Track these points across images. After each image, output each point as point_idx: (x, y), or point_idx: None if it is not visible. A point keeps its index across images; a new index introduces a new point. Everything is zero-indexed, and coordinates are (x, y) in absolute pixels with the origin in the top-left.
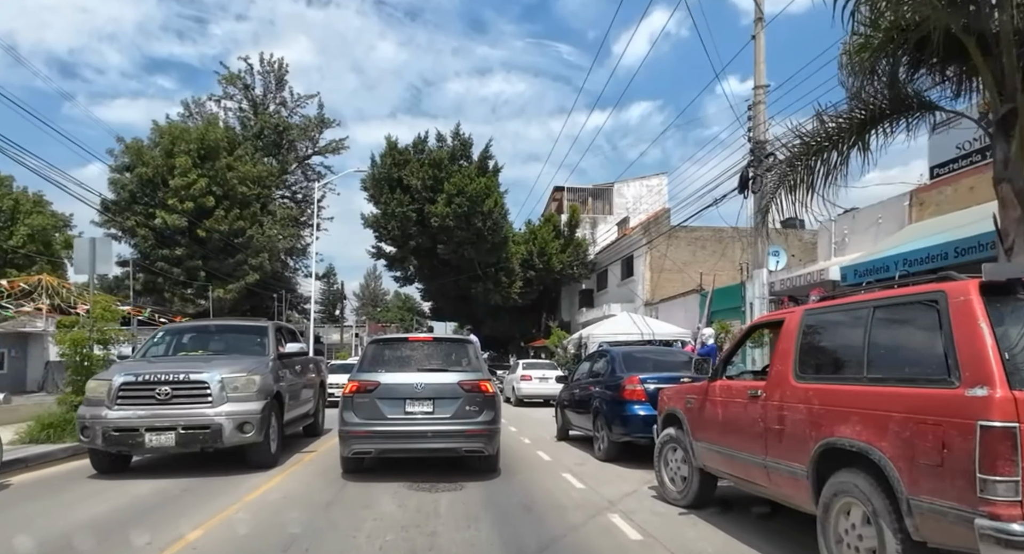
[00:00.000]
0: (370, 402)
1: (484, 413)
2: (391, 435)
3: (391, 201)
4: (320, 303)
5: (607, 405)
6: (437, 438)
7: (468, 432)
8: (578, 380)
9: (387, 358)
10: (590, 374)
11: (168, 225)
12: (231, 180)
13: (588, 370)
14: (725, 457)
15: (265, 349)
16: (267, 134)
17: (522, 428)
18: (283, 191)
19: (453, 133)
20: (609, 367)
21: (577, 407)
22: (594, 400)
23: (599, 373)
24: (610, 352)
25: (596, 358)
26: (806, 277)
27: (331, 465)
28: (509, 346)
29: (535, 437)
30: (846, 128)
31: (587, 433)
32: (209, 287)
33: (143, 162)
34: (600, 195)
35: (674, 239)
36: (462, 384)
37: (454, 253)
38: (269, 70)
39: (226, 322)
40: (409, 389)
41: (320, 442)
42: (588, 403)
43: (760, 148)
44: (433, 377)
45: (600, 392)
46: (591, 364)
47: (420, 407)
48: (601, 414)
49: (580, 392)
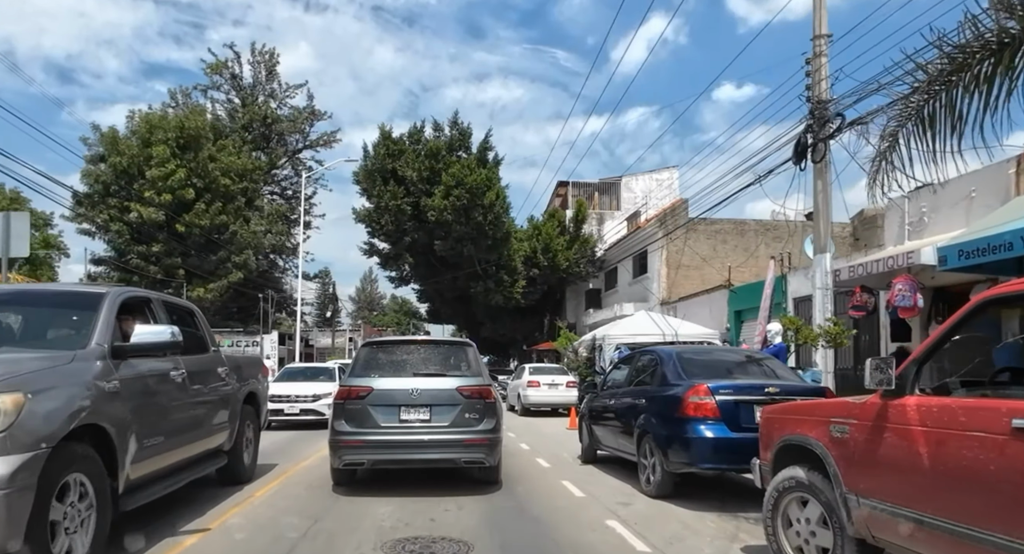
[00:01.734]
0: (362, 409)
1: (485, 421)
2: (385, 445)
3: (384, 194)
4: (312, 304)
5: (660, 423)
6: (434, 448)
7: (467, 441)
8: (613, 389)
9: (381, 362)
10: (631, 381)
11: (144, 219)
12: (213, 172)
13: (627, 376)
14: (934, 531)
15: (85, 337)
16: (255, 126)
17: (536, 445)
18: (272, 186)
19: (451, 122)
20: (658, 372)
21: (612, 423)
22: (639, 415)
23: (643, 380)
24: (658, 353)
25: (636, 361)
26: (881, 264)
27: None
28: (510, 350)
29: (554, 458)
30: None
31: (625, 456)
32: (186, 285)
33: (118, 152)
34: (607, 190)
35: (692, 232)
36: (461, 390)
37: (452, 250)
38: (259, 61)
39: (16, 287)
40: (404, 395)
41: (292, 462)
42: (629, 419)
43: (822, 108)
44: (430, 382)
45: (648, 405)
46: (630, 368)
47: (416, 414)
48: (651, 434)
49: (617, 404)
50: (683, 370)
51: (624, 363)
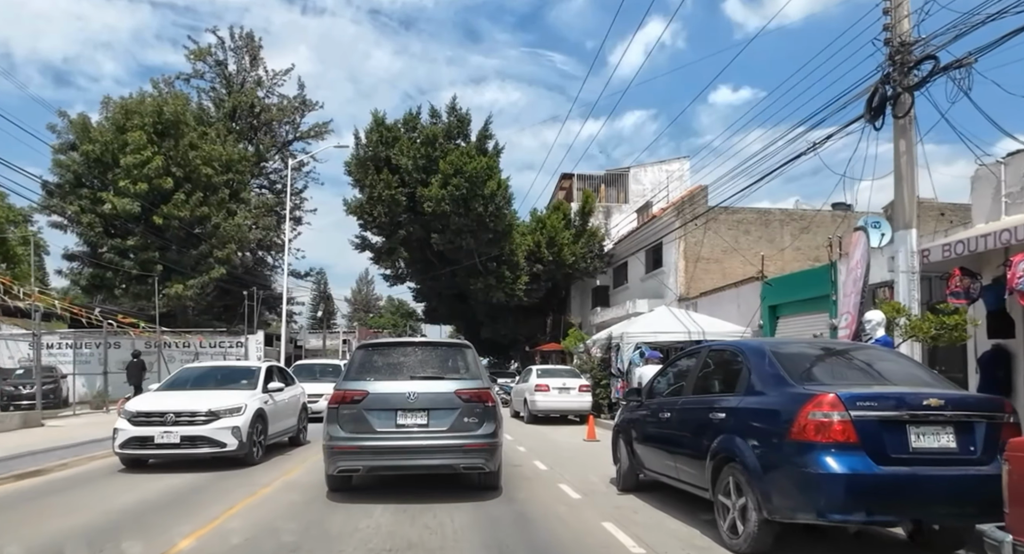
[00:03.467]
0: (358, 414)
1: (484, 425)
2: (381, 450)
3: (377, 183)
4: (303, 304)
5: (757, 449)
6: (432, 453)
7: (467, 446)
8: (666, 395)
9: (377, 365)
10: (695, 386)
11: (118, 211)
12: (194, 160)
13: (691, 379)
14: None
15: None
16: (241, 115)
17: (554, 464)
18: (261, 179)
19: (449, 108)
20: (743, 374)
21: (665, 442)
22: (715, 434)
23: (714, 385)
24: (740, 347)
25: (700, 360)
26: (992, 239)
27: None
28: (511, 352)
29: (583, 483)
30: None
31: (685, 487)
32: (156, 281)
33: (90, 139)
34: (614, 182)
35: (712, 222)
36: (459, 393)
37: (450, 243)
38: (241, 45)
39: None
40: (401, 399)
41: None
42: (696, 438)
43: (906, 52)
44: (427, 385)
45: (732, 421)
46: (693, 370)
47: (413, 419)
48: (738, 465)
49: (674, 417)
50: (788, 372)
51: (686, 358)
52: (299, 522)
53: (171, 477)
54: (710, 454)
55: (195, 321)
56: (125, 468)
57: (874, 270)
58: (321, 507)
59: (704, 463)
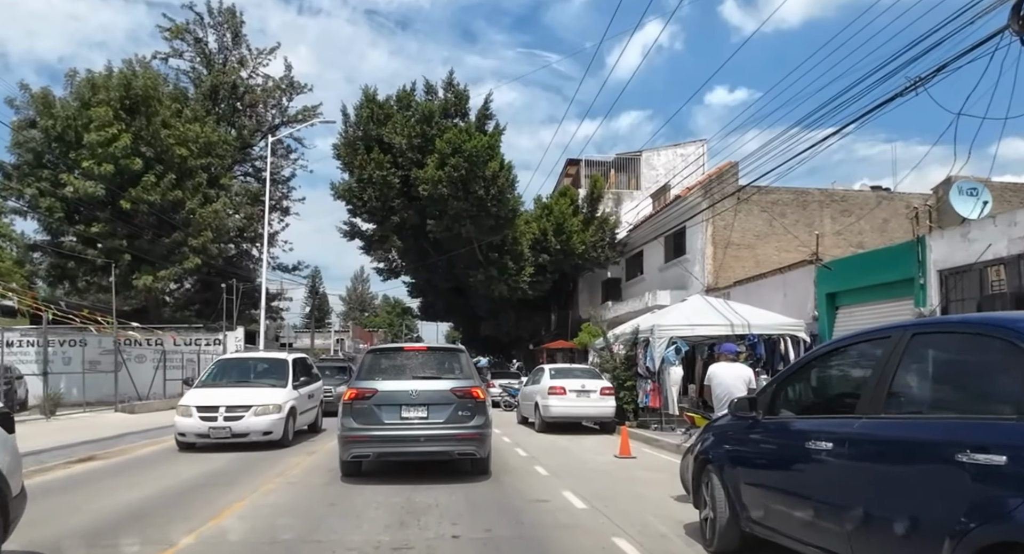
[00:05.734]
0: (368, 408)
1: (476, 418)
2: (388, 439)
3: (368, 164)
4: (290, 299)
5: None
6: (431, 442)
7: (460, 436)
8: (813, 411)
9: (384, 366)
10: (896, 400)
11: (81, 194)
12: (166, 139)
13: (878, 385)
14: None
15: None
16: (224, 95)
17: (593, 498)
18: (245, 166)
19: (445, 83)
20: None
21: (823, 495)
22: (977, 499)
23: (947, 402)
24: (1019, 328)
25: (894, 348)
26: None
27: None
28: (513, 350)
29: (647, 537)
30: None
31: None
32: (112, 267)
33: (51, 115)
34: (625, 167)
35: (743, 204)
36: (454, 391)
37: (448, 230)
38: (221, 21)
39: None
40: (405, 396)
41: None
42: (912, 499)
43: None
44: (427, 384)
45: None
46: (884, 367)
47: (415, 412)
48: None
49: (844, 451)
50: None
51: (841, 354)
52: None
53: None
54: (964, 538)
55: (171, 317)
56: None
57: (956, 251)
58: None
59: (940, 550)
